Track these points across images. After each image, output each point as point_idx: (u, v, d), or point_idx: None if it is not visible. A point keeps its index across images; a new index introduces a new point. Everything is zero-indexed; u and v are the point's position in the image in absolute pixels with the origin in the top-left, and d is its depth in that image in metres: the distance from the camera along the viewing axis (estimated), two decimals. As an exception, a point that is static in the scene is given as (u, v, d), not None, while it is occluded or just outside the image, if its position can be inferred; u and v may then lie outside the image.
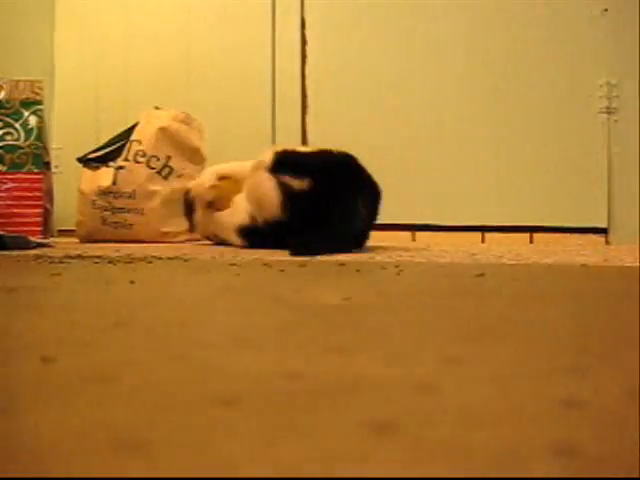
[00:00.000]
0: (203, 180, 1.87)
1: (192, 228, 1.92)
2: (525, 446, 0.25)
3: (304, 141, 2.41)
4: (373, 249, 1.50)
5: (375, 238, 1.57)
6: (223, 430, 0.27)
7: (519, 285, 0.92)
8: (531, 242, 2.24)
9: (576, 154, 2.25)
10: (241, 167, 1.81)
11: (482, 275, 0.98)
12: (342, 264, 1.17)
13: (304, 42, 2.44)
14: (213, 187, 1.81)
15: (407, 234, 2.33)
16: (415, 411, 0.30)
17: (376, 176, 1.67)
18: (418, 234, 2.33)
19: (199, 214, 1.86)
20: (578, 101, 2.25)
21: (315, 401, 0.31)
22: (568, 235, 2.22)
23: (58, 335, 0.49)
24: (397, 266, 1.13)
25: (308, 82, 2.44)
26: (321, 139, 2.36)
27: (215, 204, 1.79)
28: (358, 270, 1.07)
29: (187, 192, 1.93)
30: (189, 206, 1.91)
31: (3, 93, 2.12)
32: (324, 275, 1.04)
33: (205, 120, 2.27)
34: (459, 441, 0.26)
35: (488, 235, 2.28)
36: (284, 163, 1.65)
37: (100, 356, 0.41)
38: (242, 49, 2.48)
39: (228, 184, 1.78)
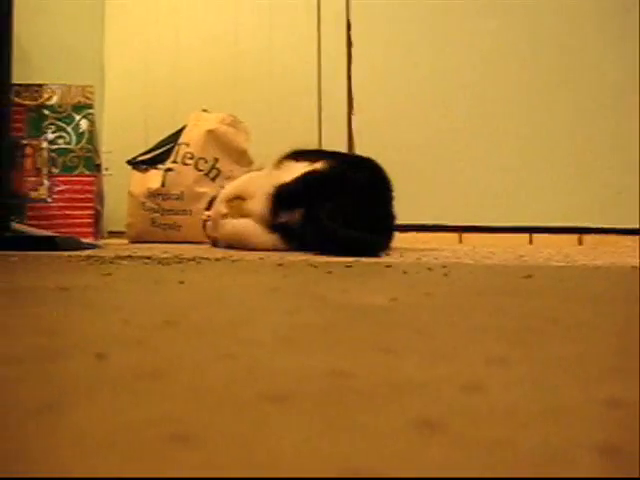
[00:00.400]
0: (217, 209, 1.84)
1: (215, 244, 1.90)
2: (571, 446, 0.25)
3: (350, 142, 2.41)
4: (420, 251, 1.49)
5: (422, 240, 1.57)
6: (272, 427, 0.27)
7: (567, 286, 0.91)
8: (580, 244, 2.21)
9: (625, 154, 2.21)
10: (249, 181, 1.80)
11: (530, 276, 0.98)
12: (388, 265, 1.17)
13: (350, 44, 2.45)
14: (225, 215, 1.79)
15: (454, 235, 2.31)
16: (462, 411, 0.30)
17: (421, 176, 1.66)
18: (465, 235, 2.31)
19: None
20: (629, 100, 2.22)
21: (363, 400, 0.32)
22: (618, 236, 2.19)
23: (110, 333, 0.50)
24: (444, 267, 1.13)
25: (354, 84, 2.44)
26: (367, 140, 2.37)
27: None
28: (405, 271, 1.07)
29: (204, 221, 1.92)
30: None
31: (56, 98, 2.16)
32: (371, 276, 1.04)
33: (252, 122, 2.28)
34: (506, 440, 0.26)
35: (536, 236, 2.26)
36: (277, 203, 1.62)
37: (151, 354, 0.42)
38: (289, 52, 2.49)
39: (241, 204, 1.75)
